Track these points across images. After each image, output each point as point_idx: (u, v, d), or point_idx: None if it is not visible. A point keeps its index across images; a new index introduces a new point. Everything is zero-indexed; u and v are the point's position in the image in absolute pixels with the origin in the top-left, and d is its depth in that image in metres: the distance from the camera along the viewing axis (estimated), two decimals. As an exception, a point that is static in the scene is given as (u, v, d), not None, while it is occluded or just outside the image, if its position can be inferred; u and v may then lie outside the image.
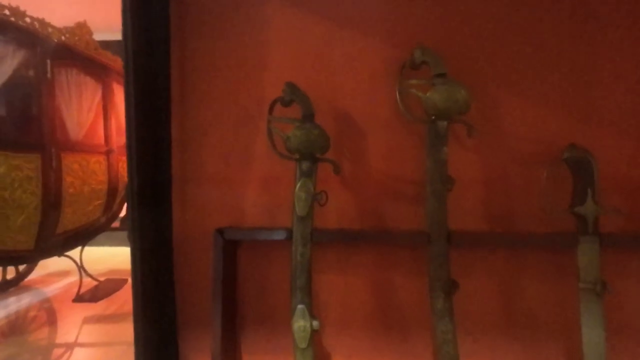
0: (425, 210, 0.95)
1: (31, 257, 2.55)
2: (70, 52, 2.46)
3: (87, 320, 2.28)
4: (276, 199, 1.06)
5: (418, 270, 1.01)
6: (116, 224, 3.25)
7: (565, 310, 0.95)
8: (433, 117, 0.94)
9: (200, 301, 1.07)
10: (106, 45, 2.83)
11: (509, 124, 1.02)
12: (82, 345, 1.97)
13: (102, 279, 3.01)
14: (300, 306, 0.93)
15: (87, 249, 2.95)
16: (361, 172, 1.06)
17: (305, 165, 0.96)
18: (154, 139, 1.03)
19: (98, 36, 2.75)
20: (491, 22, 1.02)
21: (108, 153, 2.84)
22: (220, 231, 0.99)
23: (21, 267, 3.06)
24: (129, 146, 0.95)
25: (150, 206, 1.01)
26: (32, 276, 3.12)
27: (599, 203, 0.90)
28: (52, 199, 2.29)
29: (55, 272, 3.33)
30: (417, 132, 1.02)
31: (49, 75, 2.28)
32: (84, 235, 2.80)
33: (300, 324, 0.93)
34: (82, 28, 2.65)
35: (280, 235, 0.98)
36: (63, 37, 2.47)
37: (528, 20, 1.00)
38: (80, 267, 2.82)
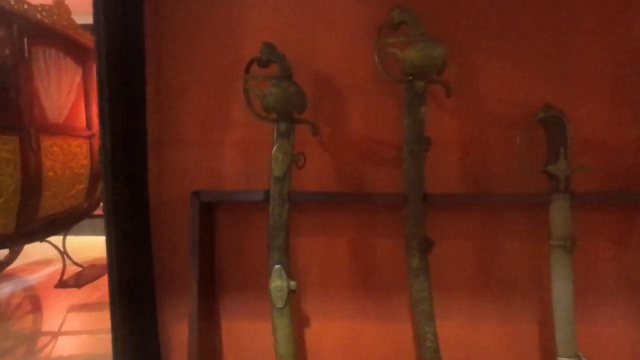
0: (402, 171, 0.96)
1: (12, 241, 2.49)
2: (49, 31, 2.39)
3: (71, 308, 2.25)
4: (255, 162, 1.05)
5: (396, 231, 1.02)
6: (99, 211, 3.20)
7: (538, 267, 0.98)
8: (410, 77, 0.94)
9: (178, 266, 1.06)
10: (87, 29, 2.75)
11: (486, 86, 1.03)
12: (66, 333, 1.94)
13: (87, 266, 2.97)
14: (277, 266, 0.93)
15: (70, 237, 2.90)
16: (340, 134, 1.06)
17: (282, 126, 0.95)
18: (128, 102, 1.01)
19: (78, 19, 2.67)
20: (469, -15, 1.02)
21: (90, 137, 2.78)
22: (196, 193, 0.98)
23: (3, 255, 2.99)
24: (101, 110, 0.93)
25: (125, 170, 1.00)
26: (15, 265, 3.06)
27: (571, 162, 0.91)
28: (31, 182, 2.24)
29: (39, 260, 3.27)
30: (396, 93, 1.02)
31: (26, 54, 2.21)
32: (67, 221, 2.75)
33: (277, 283, 0.93)
34: (60, 6, 2.57)
35: (257, 197, 0.97)
36: (39, 15, 2.39)
37: (505, -17, 1.01)
38: (63, 253, 2.78)
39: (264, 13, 1.05)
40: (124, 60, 0.99)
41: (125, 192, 1.00)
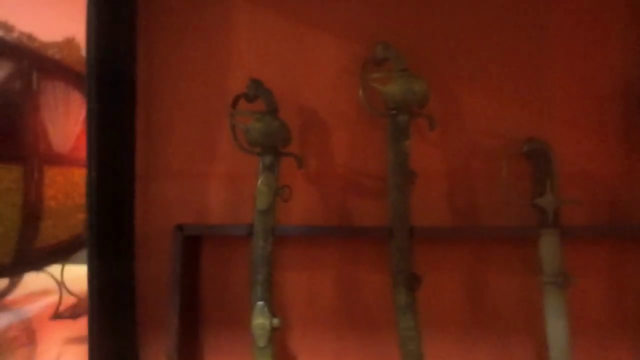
0: (388, 205, 0.95)
1: (10, 271, 2.48)
2: (58, 67, 2.49)
3: (67, 341, 2.20)
4: (242, 196, 1.05)
5: (383, 267, 0.99)
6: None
7: (531, 303, 0.93)
8: (394, 112, 0.95)
9: (162, 301, 1.04)
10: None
11: (471, 119, 1.04)
12: (63, 366, 1.89)
13: (83, 297, 2.93)
14: (259, 303, 0.91)
15: (70, 267, 2.87)
16: (327, 167, 1.06)
17: (267, 159, 0.96)
18: (117, 134, 1.03)
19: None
20: (452, 20, 1.05)
21: (94, 167, 2.82)
22: (179, 227, 0.97)
23: (2, 286, 2.97)
24: (89, 140, 0.95)
25: (111, 202, 1.00)
26: (12, 296, 3.03)
27: (558, 195, 0.90)
28: (32, 212, 2.26)
29: (36, 291, 3.24)
30: (382, 127, 1.02)
31: (34, 87, 2.29)
32: (66, 251, 2.74)
33: (260, 321, 0.90)
34: (70, 43, 2.69)
35: (242, 231, 0.97)
36: (50, 52, 2.50)
37: (487, 17, 1.04)
38: (61, 284, 2.75)
39: (251, 48, 1.08)
40: (114, 92, 1.02)
41: (110, 224, 1.00)
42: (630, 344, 0.96)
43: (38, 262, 2.52)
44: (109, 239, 1.00)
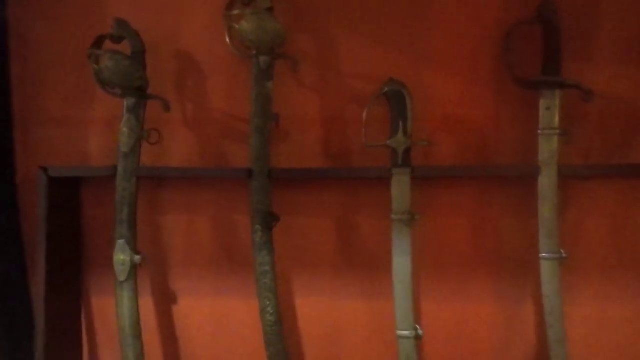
0: (249, 146, 0.96)
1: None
2: None
3: None
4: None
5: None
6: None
7: (387, 241, 0.95)
8: (255, 52, 0.94)
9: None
10: None
11: (347, 62, 1.03)
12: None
13: None
14: (120, 241, 0.94)
15: None
16: (203, 111, 1.07)
17: (130, 101, 0.96)
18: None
19: None
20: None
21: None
22: (44, 169, 0.98)
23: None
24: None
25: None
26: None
27: (410, 136, 0.90)
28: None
29: None
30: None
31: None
32: None
33: (120, 257, 0.94)
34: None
35: (107, 172, 0.98)
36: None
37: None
38: None
39: (126, -9, 1.06)
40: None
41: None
42: (489, 279, 1.00)
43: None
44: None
